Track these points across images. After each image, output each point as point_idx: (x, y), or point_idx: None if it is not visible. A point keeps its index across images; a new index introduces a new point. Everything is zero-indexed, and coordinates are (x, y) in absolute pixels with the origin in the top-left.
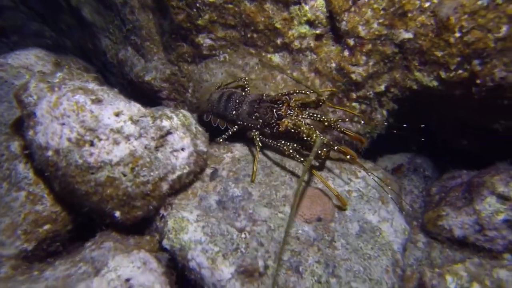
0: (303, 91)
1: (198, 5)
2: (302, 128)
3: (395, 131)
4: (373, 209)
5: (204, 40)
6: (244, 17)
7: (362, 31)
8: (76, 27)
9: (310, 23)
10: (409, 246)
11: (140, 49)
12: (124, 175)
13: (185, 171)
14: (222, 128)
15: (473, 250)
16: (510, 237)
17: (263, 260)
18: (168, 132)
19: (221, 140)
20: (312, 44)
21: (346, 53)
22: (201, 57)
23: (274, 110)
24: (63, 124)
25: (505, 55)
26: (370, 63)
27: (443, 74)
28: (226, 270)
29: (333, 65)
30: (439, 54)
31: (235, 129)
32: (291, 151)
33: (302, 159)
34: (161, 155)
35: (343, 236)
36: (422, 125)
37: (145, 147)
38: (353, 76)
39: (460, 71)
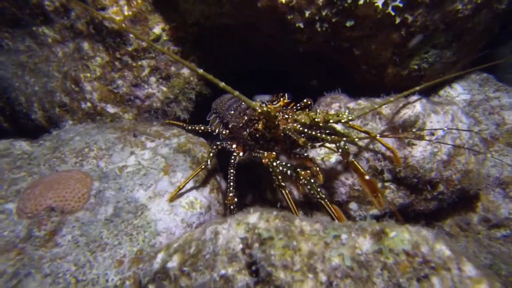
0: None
1: None
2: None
3: None
4: (148, 184)
5: None
6: None
7: None
8: None
9: None
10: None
11: None
12: None
13: None
14: (215, 132)
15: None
16: (348, 182)
17: None
18: None
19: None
20: (64, 0)
21: None
22: None
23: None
24: None
25: None
26: (120, 2)
27: None
28: None
29: (88, 18)
30: None
31: (228, 133)
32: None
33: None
34: None
35: (82, 226)
36: None
37: None
38: (107, 24)
39: None
